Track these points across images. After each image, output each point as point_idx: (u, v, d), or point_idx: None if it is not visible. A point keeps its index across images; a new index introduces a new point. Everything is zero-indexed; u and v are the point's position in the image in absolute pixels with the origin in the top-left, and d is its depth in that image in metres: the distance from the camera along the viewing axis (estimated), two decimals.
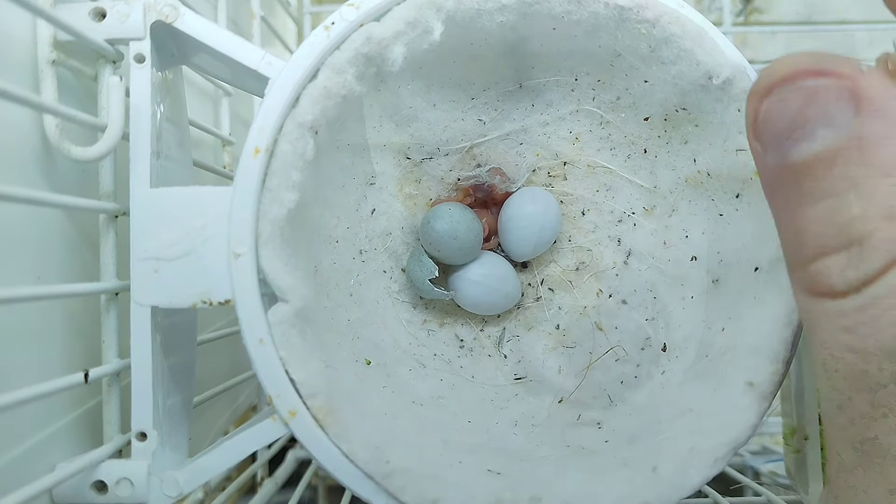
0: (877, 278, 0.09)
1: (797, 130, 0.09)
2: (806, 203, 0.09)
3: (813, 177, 0.09)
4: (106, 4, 0.17)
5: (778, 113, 0.10)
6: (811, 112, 0.09)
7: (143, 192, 0.16)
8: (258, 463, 0.26)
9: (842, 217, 0.09)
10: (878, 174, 0.09)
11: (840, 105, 0.09)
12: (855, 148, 0.09)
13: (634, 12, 0.17)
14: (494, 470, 0.16)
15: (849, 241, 0.09)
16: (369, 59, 0.17)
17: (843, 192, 0.09)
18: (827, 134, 0.09)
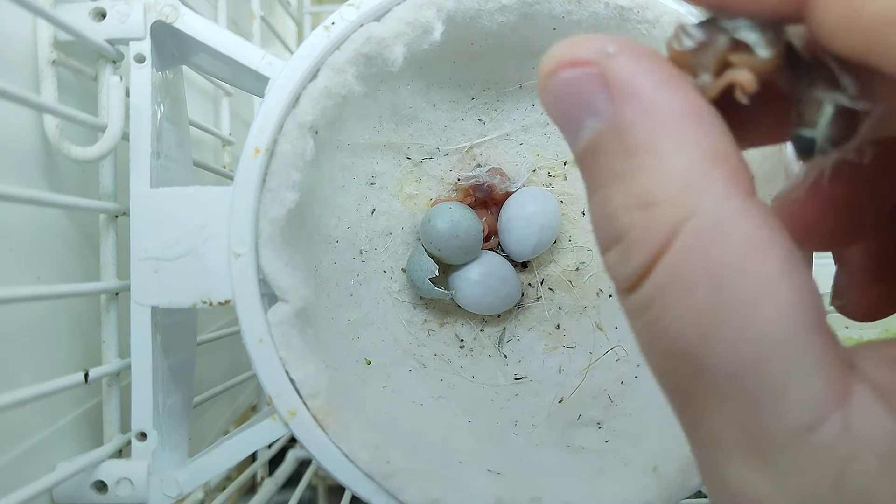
0: (645, 276, 0.09)
1: (570, 122, 0.09)
2: (589, 193, 0.09)
3: (588, 167, 0.09)
4: (106, 4, 0.17)
5: (551, 106, 0.09)
6: (575, 103, 0.09)
7: (143, 192, 0.16)
8: (258, 463, 0.26)
9: (608, 209, 0.09)
10: (631, 161, 0.09)
11: (598, 93, 0.09)
12: (613, 136, 0.09)
13: (635, 12, 0.17)
14: (494, 470, 0.16)
15: (616, 236, 0.09)
16: (369, 59, 0.17)
17: (609, 182, 0.09)
18: (592, 124, 0.09)
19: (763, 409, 0.08)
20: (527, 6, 0.17)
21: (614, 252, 0.09)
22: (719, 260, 0.08)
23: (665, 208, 0.08)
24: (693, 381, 0.09)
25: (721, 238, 0.08)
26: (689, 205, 0.08)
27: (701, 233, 0.08)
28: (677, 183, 0.08)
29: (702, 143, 0.08)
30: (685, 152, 0.08)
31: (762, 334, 0.08)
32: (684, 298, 0.08)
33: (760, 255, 0.08)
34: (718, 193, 0.08)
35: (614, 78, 0.09)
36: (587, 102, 0.09)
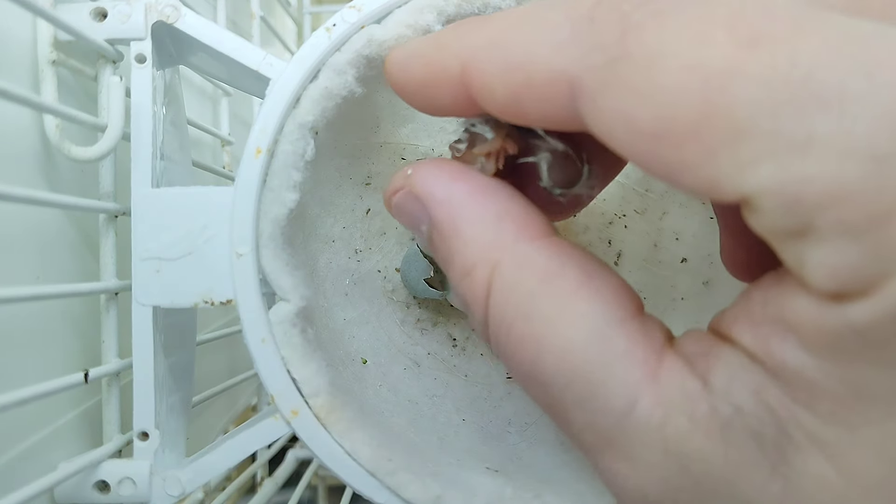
0: (486, 330, 0.11)
1: (414, 230, 0.12)
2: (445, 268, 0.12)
3: (436, 254, 0.12)
4: (107, 4, 0.17)
5: (401, 222, 0.12)
6: (409, 217, 0.12)
7: (144, 193, 0.16)
8: (258, 463, 0.26)
9: (452, 286, 0.11)
10: (448, 245, 0.11)
11: (416, 205, 0.11)
12: (435, 232, 0.11)
13: None
14: (492, 468, 0.16)
15: (463, 305, 0.11)
16: (370, 60, 0.17)
17: (446, 266, 0.11)
18: (424, 228, 0.12)
19: (595, 406, 0.09)
20: None
21: (470, 318, 0.11)
22: (523, 294, 0.10)
23: (477, 270, 0.11)
24: (549, 399, 0.10)
25: (520, 277, 0.10)
26: (491, 261, 0.10)
27: (504, 278, 0.10)
28: (477, 248, 0.11)
29: (488, 211, 0.11)
30: (477, 223, 0.11)
31: (570, 342, 0.10)
32: (510, 334, 0.10)
33: (553, 280, 0.10)
34: (508, 244, 0.10)
35: (418, 191, 0.11)
36: (414, 214, 0.12)
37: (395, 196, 0.12)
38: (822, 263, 0.07)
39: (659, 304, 0.20)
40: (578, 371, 0.09)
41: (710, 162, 0.08)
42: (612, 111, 0.09)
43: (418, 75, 0.11)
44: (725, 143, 0.08)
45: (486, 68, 0.10)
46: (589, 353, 0.09)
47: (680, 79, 0.08)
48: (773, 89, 0.07)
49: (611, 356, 0.09)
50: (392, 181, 0.12)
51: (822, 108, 0.07)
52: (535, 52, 0.10)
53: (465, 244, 0.11)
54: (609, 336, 0.09)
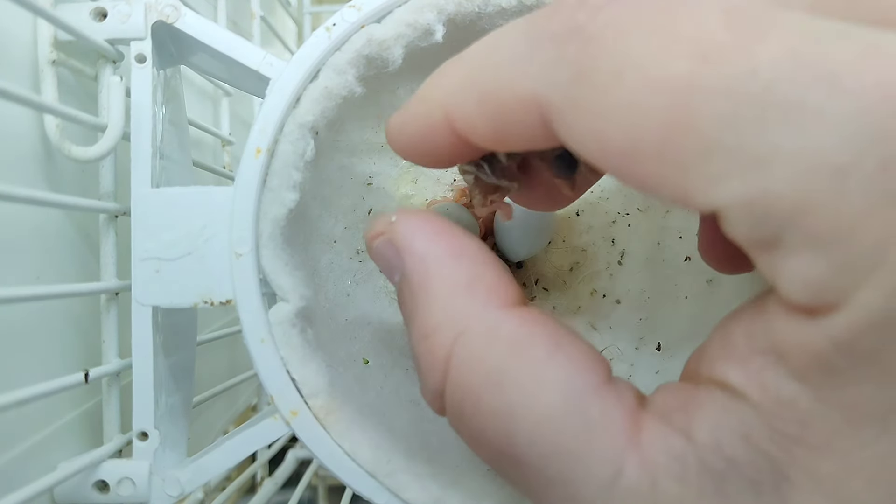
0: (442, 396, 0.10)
1: (389, 276, 0.12)
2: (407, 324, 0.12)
3: (401, 308, 0.12)
4: (107, 4, 0.17)
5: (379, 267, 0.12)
6: (385, 263, 0.12)
7: (144, 193, 0.16)
8: (258, 463, 0.26)
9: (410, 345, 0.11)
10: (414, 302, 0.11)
11: (392, 253, 0.11)
12: (404, 284, 0.11)
13: None
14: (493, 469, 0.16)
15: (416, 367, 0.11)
16: (370, 60, 0.17)
17: (407, 322, 0.11)
18: (396, 277, 0.11)
19: (576, 476, 0.09)
20: (526, 10, 0.17)
21: (421, 380, 0.11)
22: (491, 364, 0.10)
23: (438, 334, 0.10)
24: (523, 474, 0.10)
25: (489, 345, 0.10)
26: (456, 327, 0.10)
27: (470, 347, 0.10)
28: (442, 311, 0.10)
29: (461, 274, 0.10)
30: (446, 285, 0.11)
31: (547, 411, 0.09)
32: (477, 406, 0.10)
33: (524, 349, 0.10)
34: (477, 311, 0.10)
35: (397, 240, 0.11)
36: (390, 262, 0.11)
37: (373, 240, 0.12)
38: (794, 274, 0.07)
39: (663, 303, 0.20)
40: (557, 441, 0.09)
41: (681, 177, 0.08)
42: (582, 130, 0.09)
43: (413, 135, 0.11)
44: (693, 160, 0.08)
45: (463, 107, 0.10)
46: (568, 421, 0.09)
47: (644, 97, 0.08)
48: (735, 103, 0.07)
49: (590, 424, 0.09)
50: (374, 225, 0.12)
51: (784, 122, 0.07)
52: (502, 78, 0.09)
53: (430, 303, 0.10)
54: (587, 403, 0.09)
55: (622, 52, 0.08)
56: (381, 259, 0.12)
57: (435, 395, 0.10)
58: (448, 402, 0.10)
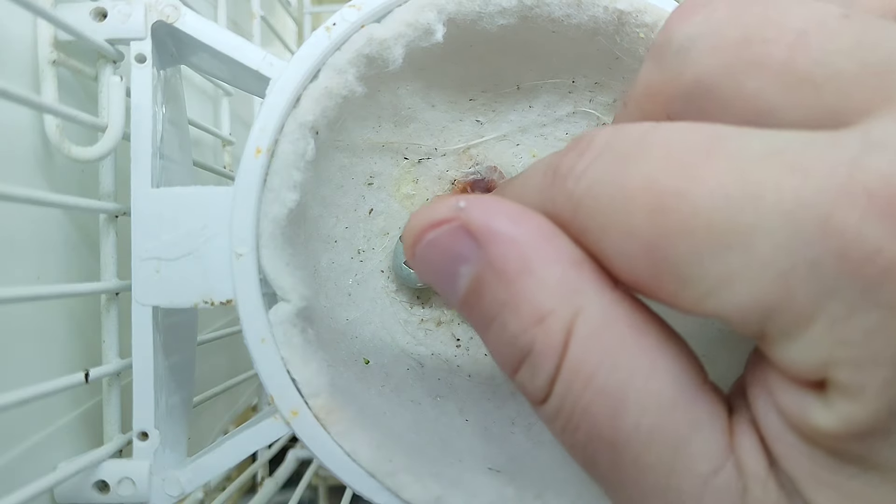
0: (555, 380, 0.10)
1: (445, 276, 0.11)
2: (482, 329, 0.11)
3: (474, 307, 0.11)
4: (107, 4, 0.17)
5: (425, 269, 0.11)
6: (445, 258, 0.11)
7: (144, 193, 0.16)
8: (258, 463, 0.26)
9: (506, 335, 0.10)
10: (514, 287, 0.10)
11: (463, 242, 0.10)
12: (490, 273, 0.10)
13: (633, 16, 0.17)
14: (495, 468, 0.16)
15: (521, 355, 0.10)
16: (370, 59, 0.17)
17: (499, 312, 0.10)
18: (466, 270, 0.10)
19: (675, 467, 0.09)
20: (526, 9, 0.17)
21: (524, 370, 0.10)
22: (610, 344, 0.10)
23: (555, 316, 0.10)
24: (615, 459, 0.10)
25: (607, 325, 0.10)
26: (573, 306, 0.10)
27: (589, 324, 0.10)
28: (557, 291, 0.10)
29: (562, 254, 0.10)
30: (554, 266, 0.10)
31: (658, 398, 0.09)
32: (589, 385, 0.10)
33: (640, 333, 0.10)
34: (592, 290, 0.10)
35: (476, 225, 0.10)
36: (456, 253, 0.10)
37: (432, 231, 0.11)
38: (783, 360, 0.09)
39: None
40: (664, 427, 0.09)
41: (678, 298, 0.09)
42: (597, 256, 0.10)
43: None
44: (679, 289, 0.09)
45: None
46: (677, 410, 0.09)
47: (628, 244, 0.09)
48: (693, 238, 0.08)
49: (698, 417, 0.09)
50: (430, 214, 0.11)
51: (729, 248, 0.08)
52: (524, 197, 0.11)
53: (538, 286, 0.10)
54: (696, 396, 0.09)
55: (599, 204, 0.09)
56: (438, 253, 0.11)
57: (547, 381, 0.10)
58: (559, 384, 0.10)
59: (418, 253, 0.11)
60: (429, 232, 0.11)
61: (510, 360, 0.10)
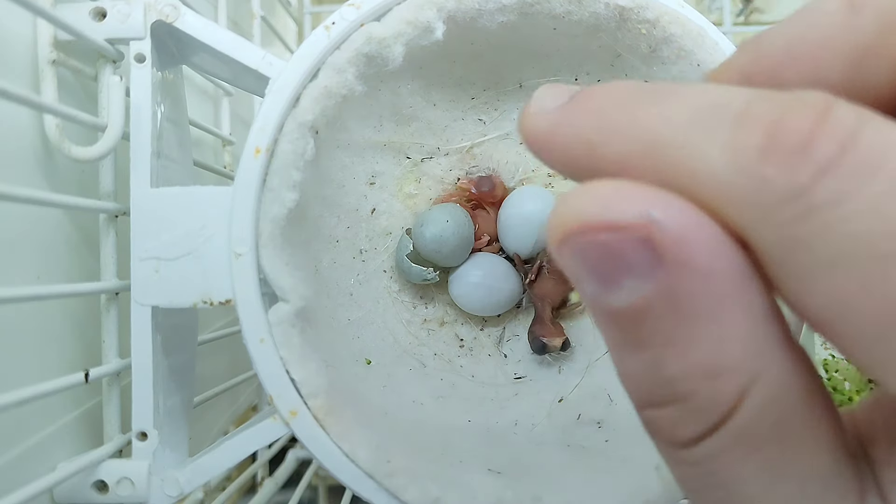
0: (708, 435, 0.09)
1: (602, 279, 0.09)
2: (627, 350, 0.09)
3: (628, 327, 0.09)
4: (106, 4, 0.17)
5: (574, 261, 0.09)
6: (612, 264, 0.09)
7: (143, 192, 0.16)
8: (258, 463, 0.26)
9: (662, 374, 0.09)
10: (691, 329, 0.08)
11: (641, 256, 0.08)
12: (664, 302, 0.08)
13: (635, 12, 0.17)
14: (495, 469, 0.16)
15: (673, 399, 0.09)
16: (370, 58, 0.17)
17: (659, 346, 0.09)
18: (634, 285, 0.08)
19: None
20: (527, 6, 0.17)
21: (670, 411, 0.09)
22: (782, 417, 0.09)
23: (732, 375, 0.08)
24: None
25: (783, 396, 0.09)
26: (753, 370, 0.08)
27: (766, 394, 0.08)
28: (741, 351, 0.08)
29: (755, 304, 0.08)
30: (744, 318, 0.08)
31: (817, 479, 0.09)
32: (750, 456, 0.09)
33: (812, 406, 0.09)
34: (777, 353, 0.08)
35: (665, 245, 0.08)
36: (628, 264, 0.08)
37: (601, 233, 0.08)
38: None
39: None
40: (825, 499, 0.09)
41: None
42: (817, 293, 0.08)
43: None
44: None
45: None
46: (828, 491, 0.09)
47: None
48: None
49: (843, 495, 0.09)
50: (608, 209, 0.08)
51: None
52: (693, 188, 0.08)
53: (722, 338, 0.08)
54: (843, 472, 0.09)
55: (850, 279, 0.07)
56: (604, 255, 0.09)
57: (697, 435, 0.09)
58: (713, 442, 0.09)
59: (577, 246, 0.09)
60: (602, 232, 0.08)
61: (649, 396, 0.09)
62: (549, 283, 0.20)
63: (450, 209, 0.20)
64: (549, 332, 0.20)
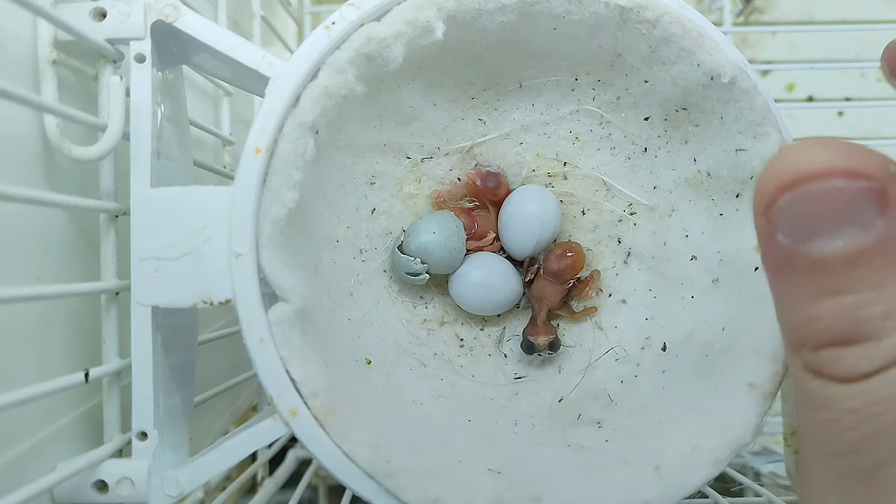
0: (882, 371, 0.09)
1: (822, 226, 0.09)
2: (822, 294, 0.10)
3: (833, 272, 0.09)
4: (106, 4, 0.17)
5: (803, 206, 0.09)
6: (838, 211, 0.09)
7: (143, 192, 0.16)
8: (258, 462, 0.26)
9: (860, 315, 0.09)
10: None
11: (868, 205, 0.09)
12: (878, 250, 0.09)
13: (635, 12, 0.17)
14: (495, 469, 0.16)
15: (865, 337, 0.09)
16: (370, 58, 0.17)
17: (863, 290, 0.09)
18: (852, 233, 0.09)
19: None
20: (527, 6, 0.17)
21: (854, 349, 0.10)
22: None
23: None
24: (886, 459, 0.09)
25: None
26: None
27: None
28: None
29: None
30: None
31: None
32: None
33: None
34: None
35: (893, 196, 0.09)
36: (852, 212, 0.09)
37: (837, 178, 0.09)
38: None
39: (669, 303, 0.20)
40: None
41: None
42: None
43: None
44: None
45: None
46: None
47: None
48: None
49: None
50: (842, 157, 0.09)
51: None
52: None
53: None
54: None
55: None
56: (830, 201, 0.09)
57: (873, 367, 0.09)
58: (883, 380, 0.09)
59: (808, 186, 0.09)
60: (839, 177, 0.09)
61: (839, 333, 0.10)
62: (546, 283, 0.21)
63: (439, 219, 0.20)
64: (537, 331, 0.20)
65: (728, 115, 0.17)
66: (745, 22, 0.42)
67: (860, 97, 0.40)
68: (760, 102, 0.16)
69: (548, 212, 0.20)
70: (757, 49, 0.42)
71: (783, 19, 0.42)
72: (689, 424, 0.16)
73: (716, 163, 0.18)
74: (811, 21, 0.41)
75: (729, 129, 0.17)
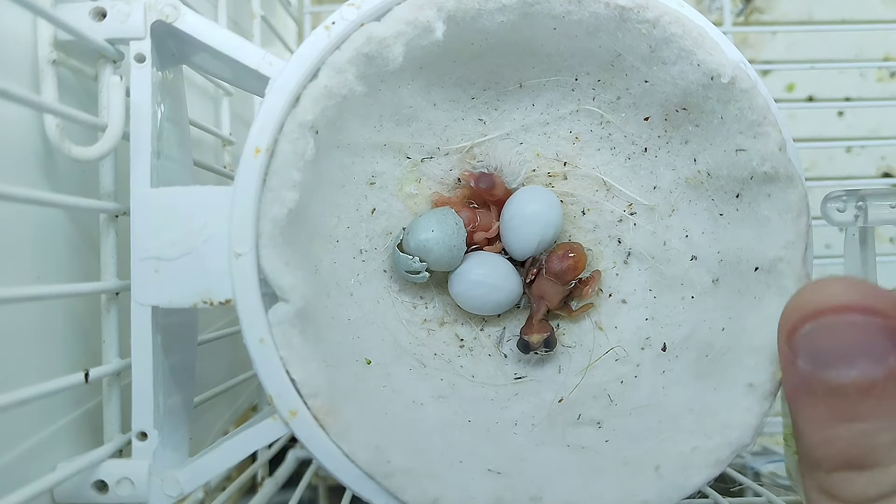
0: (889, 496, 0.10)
1: (839, 356, 0.10)
2: (837, 419, 0.10)
3: (848, 399, 0.10)
4: (106, 4, 0.17)
5: (822, 336, 0.10)
6: (855, 344, 0.10)
7: (143, 192, 0.16)
8: (258, 463, 0.26)
9: (871, 441, 0.10)
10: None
11: (882, 341, 0.10)
12: (891, 382, 0.10)
13: (635, 12, 0.17)
14: (494, 469, 0.16)
15: (875, 463, 0.10)
16: (370, 58, 0.17)
17: (875, 418, 0.10)
18: (866, 366, 0.10)
19: None
20: (527, 6, 0.17)
21: (864, 474, 0.10)
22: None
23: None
24: None
25: None
26: None
27: None
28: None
29: None
30: None
31: None
32: None
33: None
34: None
35: None
36: (867, 346, 0.10)
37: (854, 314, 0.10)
38: None
39: (668, 303, 0.20)
40: None
41: None
42: None
43: None
44: None
45: None
46: None
47: None
48: None
49: None
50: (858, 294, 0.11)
51: None
52: None
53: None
54: None
55: None
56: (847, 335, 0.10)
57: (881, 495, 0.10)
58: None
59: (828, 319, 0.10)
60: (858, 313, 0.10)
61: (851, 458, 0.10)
62: (547, 283, 0.21)
63: (439, 216, 0.20)
64: (532, 329, 0.20)
65: (728, 115, 0.17)
66: (745, 22, 0.42)
67: (860, 97, 0.40)
68: (760, 102, 0.16)
69: (550, 213, 0.20)
70: (757, 49, 0.42)
71: (783, 19, 0.42)
72: (689, 425, 0.16)
73: (716, 163, 0.18)
74: (811, 21, 0.41)
75: (729, 129, 0.17)
